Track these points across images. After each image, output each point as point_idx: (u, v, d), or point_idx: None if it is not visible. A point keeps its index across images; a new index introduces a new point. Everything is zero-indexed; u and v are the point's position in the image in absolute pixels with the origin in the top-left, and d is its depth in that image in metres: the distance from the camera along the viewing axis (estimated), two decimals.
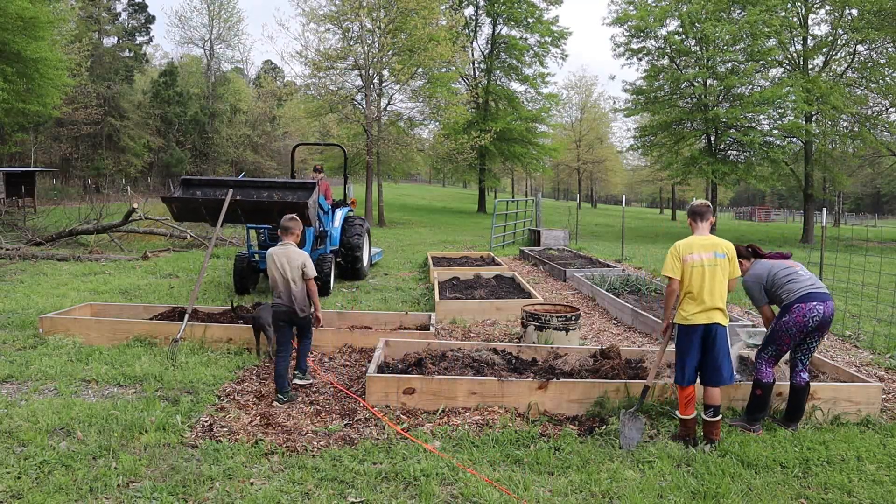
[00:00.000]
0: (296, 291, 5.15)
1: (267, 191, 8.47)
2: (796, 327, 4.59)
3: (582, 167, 62.32)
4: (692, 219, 4.57)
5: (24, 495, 3.47)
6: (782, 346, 4.69)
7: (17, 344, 6.46)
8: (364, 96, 26.43)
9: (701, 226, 4.51)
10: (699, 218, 4.52)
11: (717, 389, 4.37)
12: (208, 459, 3.96)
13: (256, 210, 8.14)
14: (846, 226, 43.45)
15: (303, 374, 5.52)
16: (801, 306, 4.58)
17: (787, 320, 4.62)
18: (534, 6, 38.49)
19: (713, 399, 4.36)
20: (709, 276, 4.30)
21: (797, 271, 4.78)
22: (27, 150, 38.34)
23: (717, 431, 4.35)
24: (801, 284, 4.67)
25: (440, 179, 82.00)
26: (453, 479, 3.80)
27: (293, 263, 5.14)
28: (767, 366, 4.71)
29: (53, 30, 24.38)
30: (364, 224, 11.12)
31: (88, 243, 15.27)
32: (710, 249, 4.36)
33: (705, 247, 4.37)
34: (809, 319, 4.56)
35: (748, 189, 71.82)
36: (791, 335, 4.63)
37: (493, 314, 8.32)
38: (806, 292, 4.62)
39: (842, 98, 24.35)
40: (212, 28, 52.22)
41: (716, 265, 4.32)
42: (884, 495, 3.72)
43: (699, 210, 4.53)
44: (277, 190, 8.54)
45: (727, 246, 4.41)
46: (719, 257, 4.34)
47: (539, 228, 18.18)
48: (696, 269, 4.32)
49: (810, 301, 4.57)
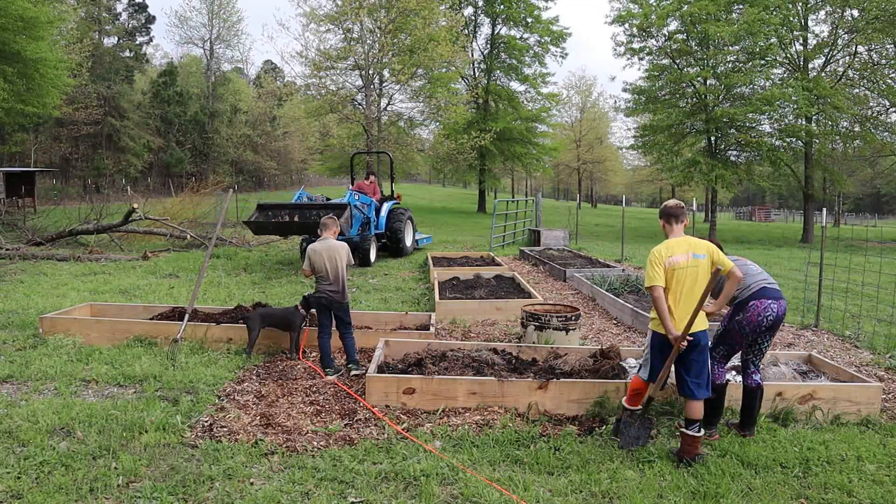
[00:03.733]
0: (343, 277, 5.87)
1: (311, 211, 11.77)
2: (750, 326, 4.40)
3: (582, 167, 62.32)
4: (666, 220, 4.33)
5: (24, 495, 3.47)
6: (734, 346, 4.51)
7: (17, 344, 6.46)
8: (364, 96, 26.45)
9: (676, 228, 4.29)
10: (674, 220, 4.29)
11: (699, 403, 4.12)
12: (208, 459, 3.96)
13: (305, 225, 11.46)
14: (846, 226, 43.44)
15: (356, 365, 5.90)
16: (756, 304, 4.38)
17: (740, 319, 4.43)
18: (532, 6, 38.47)
19: (694, 413, 4.10)
20: (689, 279, 4.10)
21: (748, 265, 4.64)
22: (27, 150, 38.34)
23: (696, 447, 4.06)
24: (754, 279, 4.50)
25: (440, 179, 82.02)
26: (453, 479, 3.80)
27: (341, 253, 5.91)
28: (719, 366, 4.54)
29: (54, 30, 24.38)
30: (406, 213, 14.59)
31: (88, 243, 15.27)
32: (687, 251, 4.15)
33: (682, 249, 4.16)
34: (764, 318, 4.37)
35: (748, 189, 71.83)
36: (745, 334, 4.44)
37: (493, 314, 8.32)
38: (760, 287, 4.45)
39: (843, 98, 24.35)
40: (212, 28, 52.27)
41: (697, 267, 4.11)
42: (884, 495, 3.72)
43: (674, 212, 4.30)
44: (320, 210, 11.71)
45: (705, 246, 4.19)
46: (698, 258, 4.13)
47: (539, 228, 18.17)
48: (679, 272, 4.10)
49: (765, 298, 4.39)
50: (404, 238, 14.20)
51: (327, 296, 5.85)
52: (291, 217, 11.82)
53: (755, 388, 4.53)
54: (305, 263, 5.95)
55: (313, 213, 11.65)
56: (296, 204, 12.14)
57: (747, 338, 4.47)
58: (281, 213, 11.98)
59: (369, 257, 12.74)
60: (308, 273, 5.92)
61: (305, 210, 11.88)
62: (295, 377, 5.70)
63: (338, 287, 5.85)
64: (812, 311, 8.63)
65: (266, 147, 58.32)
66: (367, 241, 12.69)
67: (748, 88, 26.43)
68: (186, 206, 19.61)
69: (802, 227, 29.29)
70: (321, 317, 5.95)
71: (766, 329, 4.45)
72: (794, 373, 5.55)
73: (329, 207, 11.87)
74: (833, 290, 10.01)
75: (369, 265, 12.61)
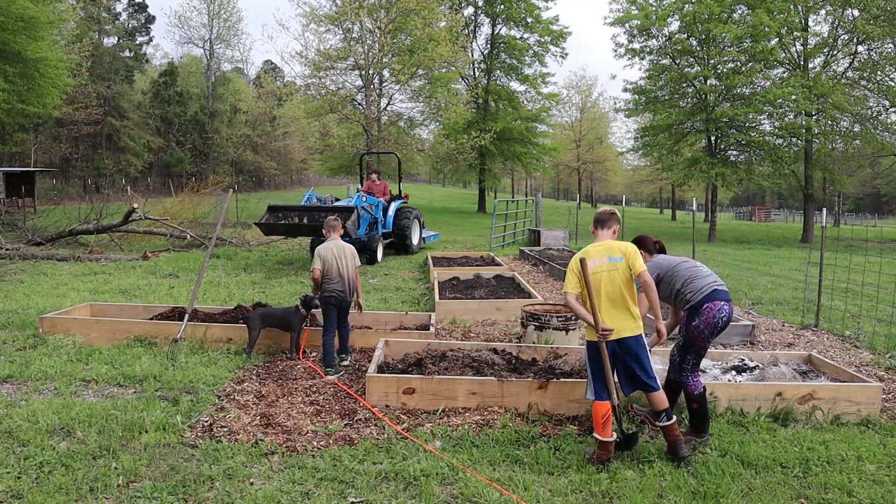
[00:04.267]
0: (351, 278, 6.03)
1: (320, 213, 12.28)
2: (708, 329, 4.37)
3: (582, 167, 62.29)
4: (593, 226, 4.39)
5: (24, 495, 3.47)
6: (700, 352, 4.48)
7: (17, 344, 6.46)
8: (364, 96, 26.45)
9: (601, 233, 4.32)
10: (600, 225, 4.34)
11: (659, 392, 4.12)
12: (208, 459, 3.96)
13: (313, 226, 11.97)
14: (846, 226, 43.43)
15: (348, 355, 6.22)
16: (710, 306, 4.37)
17: (697, 323, 4.39)
18: (533, 5, 38.45)
19: (658, 404, 4.10)
20: (606, 283, 4.07)
21: (699, 267, 4.65)
22: (27, 150, 38.34)
23: (676, 434, 4.11)
24: (705, 281, 4.50)
25: (440, 179, 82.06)
26: (453, 479, 3.80)
27: (348, 253, 6.08)
28: (694, 376, 4.47)
29: (54, 30, 24.37)
30: (413, 212, 15.10)
31: (88, 243, 15.27)
32: (603, 255, 4.12)
33: (599, 253, 4.15)
34: (719, 320, 4.37)
35: (748, 189, 71.84)
36: (705, 337, 4.41)
37: (493, 314, 8.32)
38: (712, 289, 4.45)
39: (843, 97, 24.34)
40: (212, 28, 52.26)
41: (614, 270, 4.08)
42: (884, 495, 3.72)
43: (600, 217, 4.37)
44: (328, 212, 12.15)
45: (623, 247, 4.14)
46: (614, 261, 4.09)
47: (539, 228, 18.17)
48: (594, 276, 4.08)
49: (717, 300, 4.39)
50: (411, 236, 14.78)
51: (336, 295, 5.93)
52: (301, 218, 12.31)
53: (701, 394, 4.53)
54: (316, 263, 5.94)
55: (322, 216, 12.06)
56: (305, 206, 12.70)
57: (708, 340, 4.44)
58: (291, 214, 12.50)
59: (376, 256, 13.33)
60: (318, 273, 5.92)
61: (314, 212, 12.36)
62: (295, 377, 5.70)
63: (345, 287, 5.97)
64: (812, 311, 8.63)
65: (266, 147, 58.33)
66: (374, 240, 13.25)
67: (748, 88, 26.43)
68: (186, 206, 19.61)
69: (802, 227, 29.28)
70: (328, 316, 5.99)
71: (720, 331, 4.47)
72: (794, 373, 5.55)
73: (337, 210, 12.36)
74: (833, 290, 10.01)
75: (376, 263, 13.27)
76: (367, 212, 13.14)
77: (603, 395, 4.07)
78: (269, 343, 6.50)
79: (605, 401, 4.06)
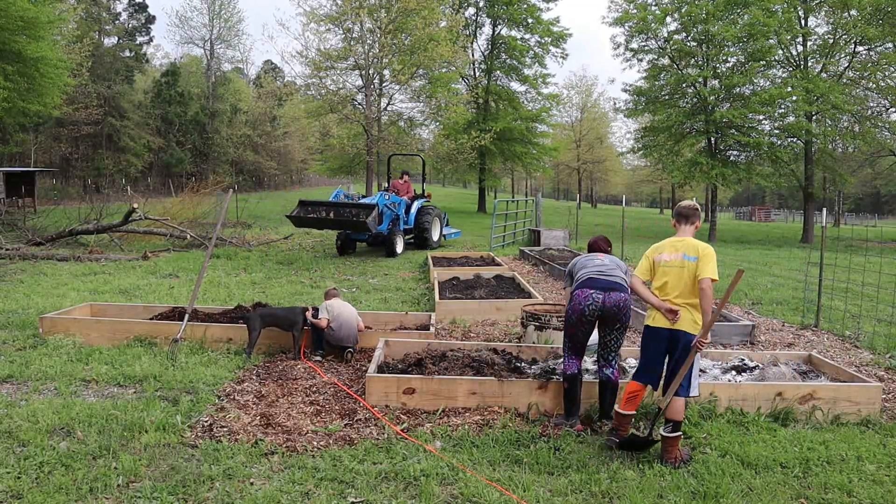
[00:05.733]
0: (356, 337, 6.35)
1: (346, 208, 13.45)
2: (574, 315, 4.53)
3: (582, 167, 62.29)
4: (675, 220, 4.41)
5: (24, 495, 3.47)
6: (572, 336, 4.60)
7: (17, 344, 6.46)
8: (364, 96, 26.43)
9: (683, 228, 4.33)
10: (683, 220, 4.34)
11: (680, 401, 4.05)
12: (208, 459, 3.96)
13: (340, 221, 13.38)
14: (846, 226, 43.44)
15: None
16: (578, 293, 4.52)
17: (567, 308, 4.62)
18: (533, 6, 38.43)
19: (673, 413, 4.05)
20: (674, 277, 4.14)
21: (594, 258, 4.76)
22: (27, 150, 38.34)
23: (673, 450, 4.01)
24: (586, 270, 4.61)
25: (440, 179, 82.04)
26: (453, 479, 3.80)
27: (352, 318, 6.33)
28: (568, 358, 4.64)
29: (54, 30, 24.37)
30: (434, 211, 16.21)
31: (88, 243, 15.27)
32: (679, 251, 4.18)
33: (676, 248, 4.21)
34: (585, 307, 4.45)
35: (748, 189, 71.82)
36: (572, 323, 4.55)
37: (493, 314, 8.32)
38: (587, 278, 4.55)
39: (842, 97, 24.34)
40: (212, 28, 52.27)
41: (685, 268, 4.12)
42: (884, 495, 3.72)
43: (685, 212, 4.35)
44: (354, 208, 13.44)
45: (702, 248, 4.11)
46: (688, 259, 4.12)
47: (539, 228, 18.17)
48: (663, 268, 4.20)
49: (587, 288, 4.49)
50: (431, 234, 15.91)
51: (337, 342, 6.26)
52: (328, 213, 13.46)
53: (605, 382, 4.61)
54: (323, 313, 6.20)
55: (347, 211, 13.36)
56: (333, 202, 13.88)
57: (577, 327, 4.55)
58: (319, 209, 13.66)
59: (395, 249, 14.42)
60: (325, 324, 6.16)
61: (341, 208, 13.47)
62: (295, 377, 5.70)
63: (350, 341, 6.26)
64: (812, 311, 8.63)
65: (266, 147, 58.33)
66: (394, 234, 14.40)
67: (748, 89, 26.42)
68: (186, 206, 19.61)
69: (802, 227, 29.27)
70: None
71: (596, 319, 4.52)
72: (794, 373, 5.55)
73: (361, 206, 13.49)
74: (833, 290, 10.01)
75: (396, 255, 14.38)
76: (390, 209, 14.23)
77: (639, 376, 4.26)
78: (269, 343, 6.50)
79: (640, 382, 4.25)
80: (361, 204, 13.69)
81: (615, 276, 4.59)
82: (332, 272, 12.18)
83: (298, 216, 13.51)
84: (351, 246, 15.30)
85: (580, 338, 4.60)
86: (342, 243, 14.96)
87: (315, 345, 6.33)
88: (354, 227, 13.64)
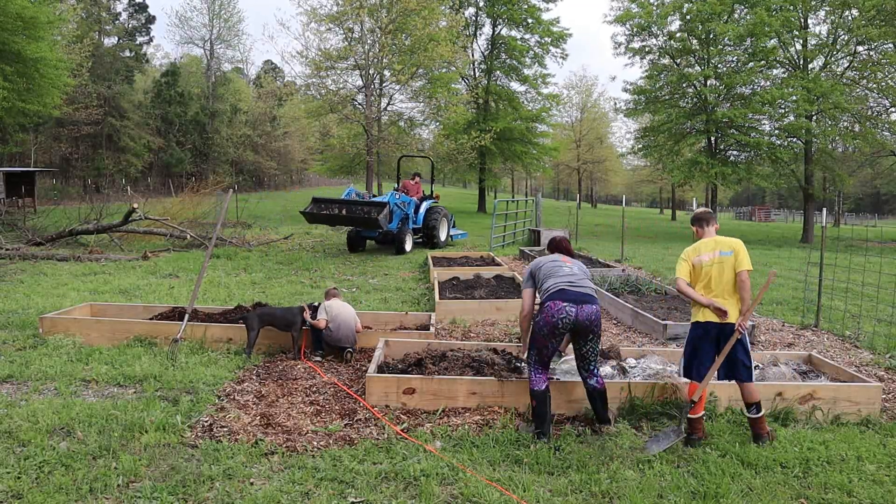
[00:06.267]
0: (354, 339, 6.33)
1: (357, 206, 13.96)
2: (546, 328, 4.40)
3: (582, 167, 62.26)
4: (697, 225, 4.70)
5: (24, 495, 3.47)
6: (541, 350, 4.48)
7: (17, 344, 6.46)
8: (364, 96, 26.43)
9: (707, 230, 4.66)
10: (704, 223, 4.68)
11: (752, 385, 4.39)
12: (208, 459, 3.96)
13: (352, 218, 13.89)
14: (846, 226, 43.43)
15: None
16: (550, 305, 4.41)
17: (538, 320, 4.47)
18: (534, 7, 38.43)
19: (750, 397, 4.39)
20: (716, 274, 4.40)
21: (562, 265, 4.66)
22: (27, 150, 38.33)
23: (764, 427, 4.39)
24: (555, 280, 4.53)
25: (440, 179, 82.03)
26: (453, 479, 3.80)
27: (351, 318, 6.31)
28: (535, 372, 4.50)
29: (54, 30, 24.36)
30: (442, 211, 16.60)
31: (88, 243, 15.27)
32: (714, 249, 4.48)
33: (710, 247, 4.51)
34: (558, 321, 4.36)
35: (748, 189, 71.84)
36: (543, 335, 4.43)
37: (493, 314, 8.32)
38: (558, 289, 4.46)
39: (842, 97, 24.34)
40: (212, 28, 52.24)
41: (722, 263, 4.41)
42: (884, 495, 3.72)
43: (703, 217, 4.70)
44: (365, 206, 13.96)
45: (734, 243, 4.47)
46: (725, 255, 4.43)
47: (539, 228, 18.17)
48: (705, 268, 4.44)
49: (560, 300, 4.40)
50: (439, 233, 16.27)
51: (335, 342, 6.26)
52: (340, 210, 14.01)
53: (592, 391, 4.56)
54: (322, 314, 6.20)
55: (359, 209, 13.88)
56: (345, 199, 14.44)
57: (549, 339, 4.43)
58: (332, 206, 14.22)
59: (404, 247, 14.95)
60: (323, 325, 6.16)
61: (353, 205, 14.03)
62: (295, 377, 5.70)
63: (348, 342, 6.27)
64: (812, 311, 8.63)
65: (266, 147, 58.30)
66: (403, 233, 14.91)
67: (748, 88, 26.43)
68: (186, 206, 19.61)
69: (802, 227, 29.27)
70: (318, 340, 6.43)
71: (569, 331, 4.44)
72: (794, 373, 5.55)
73: (373, 204, 14.05)
74: (833, 290, 10.01)
75: (405, 253, 14.89)
76: (400, 208, 14.75)
77: (695, 375, 4.42)
78: (269, 343, 6.50)
79: (698, 381, 4.39)
80: (373, 202, 14.23)
81: (586, 288, 4.54)
82: (332, 272, 12.18)
83: (312, 212, 14.09)
84: (361, 243, 15.78)
85: (549, 351, 4.50)
86: (352, 240, 15.50)
87: (315, 345, 6.34)
88: (366, 224, 14.10)
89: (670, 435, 4.34)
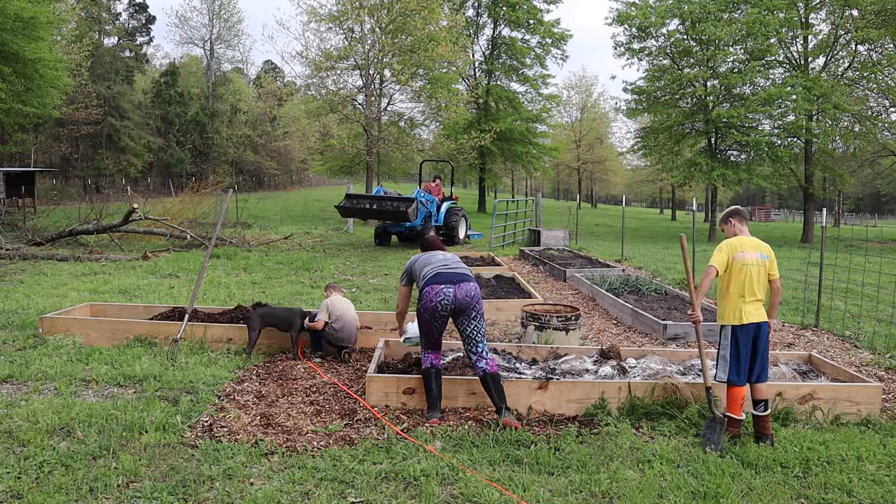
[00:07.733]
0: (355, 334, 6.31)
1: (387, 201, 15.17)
2: (427, 313, 4.64)
3: (582, 167, 62.25)
4: (737, 219, 4.72)
5: (24, 495, 3.47)
6: (427, 332, 4.73)
7: (17, 344, 6.46)
8: (365, 96, 26.43)
9: (743, 227, 4.71)
10: (739, 219, 4.73)
11: (765, 384, 4.47)
12: (208, 459, 3.96)
13: (382, 212, 15.23)
14: (846, 226, 43.40)
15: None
16: (428, 290, 4.64)
17: (419, 306, 4.70)
18: (535, 8, 38.44)
19: (760, 394, 4.44)
20: (755, 275, 4.46)
21: (435, 254, 4.89)
22: (27, 150, 38.33)
23: (767, 427, 4.41)
24: (431, 267, 4.73)
25: None
26: (453, 479, 3.79)
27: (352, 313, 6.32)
28: (425, 353, 4.78)
29: (53, 30, 24.35)
30: (461, 212, 17.76)
31: (88, 243, 15.27)
32: (756, 250, 4.54)
33: (753, 248, 4.55)
34: (437, 304, 4.60)
35: (748, 189, 71.81)
36: (426, 320, 4.68)
37: (493, 314, 8.31)
38: (434, 273, 4.66)
39: (843, 97, 24.34)
40: (212, 28, 52.29)
41: (762, 266, 4.50)
42: (884, 495, 3.72)
43: (738, 212, 4.78)
44: (394, 201, 15.12)
45: (769, 250, 4.59)
46: (763, 258, 4.52)
47: (539, 228, 18.17)
48: (747, 267, 4.46)
49: (437, 284, 4.62)
50: (458, 232, 17.45)
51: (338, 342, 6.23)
52: (371, 205, 15.27)
53: (484, 376, 4.65)
54: (322, 313, 6.15)
55: (389, 203, 15.07)
56: (376, 195, 15.83)
57: (432, 323, 4.68)
58: (364, 202, 15.57)
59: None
60: (321, 326, 6.14)
61: (383, 201, 15.29)
62: (295, 377, 5.70)
63: (350, 341, 6.26)
64: (812, 311, 8.63)
65: (266, 147, 58.32)
66: (427, 230, 15.83)
67: (748, 88, 26.42)
68: (186, 206, 19.60)
69: (802, 227, 29.28)
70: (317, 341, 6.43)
71: (450, 313, 4.65)
72: (793, 373, 5.55)
73: (401, 200, 15.14)
74: (833, 290, 10.01)
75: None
76: (424, 206, 15.81)
77: (741, 379, 4.43)
78: (269, 343, 6.50)
79: (741, 385, 4.43)
80: (402, 197, 15.39)
81: (461, 268, 4.75)
82: (332, 272, 12.18)
83: (346, 206, 15.38)
84: (386, 239, 17.13)
85: (435, 333, 4.74)
86: (380, 234, 16.99)
87: (314, 345, 6.33)
88: (396, 217, 15.29)
89: (714, 427, 4.37)
